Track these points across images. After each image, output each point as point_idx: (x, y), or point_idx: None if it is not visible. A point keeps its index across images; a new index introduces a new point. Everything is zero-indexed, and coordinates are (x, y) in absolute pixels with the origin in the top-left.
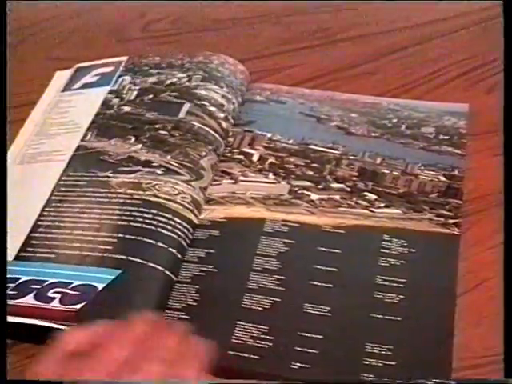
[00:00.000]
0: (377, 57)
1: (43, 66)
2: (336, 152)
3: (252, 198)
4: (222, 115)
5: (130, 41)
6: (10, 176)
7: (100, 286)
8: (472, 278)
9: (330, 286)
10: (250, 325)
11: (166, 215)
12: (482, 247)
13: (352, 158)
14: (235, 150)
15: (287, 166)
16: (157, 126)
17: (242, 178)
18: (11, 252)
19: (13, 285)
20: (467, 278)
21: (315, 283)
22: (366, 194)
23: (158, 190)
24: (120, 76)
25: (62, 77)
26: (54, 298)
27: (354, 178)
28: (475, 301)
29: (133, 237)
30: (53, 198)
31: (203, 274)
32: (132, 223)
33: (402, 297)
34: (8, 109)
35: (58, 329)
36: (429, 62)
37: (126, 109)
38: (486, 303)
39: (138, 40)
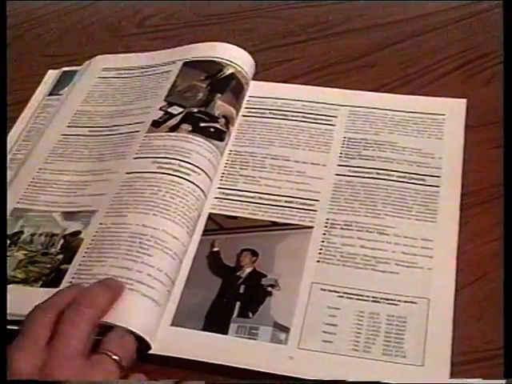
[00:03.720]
0: (375, 50)
1: (38, 63)
2: None
3: None
4: None
5: (126, 37)
6: None
7: None
8: (472, 271)
9: None
10: None
11: None
12: (482, 240)
13: None
14: None
15: None
16: None
17: None
18: None
19: None
20: (467, 271)
21: None
22: None
23: None
24: None
25: (49, 79)
26: None
27: None
28: (476, 294)
29: None
30: None
31: None
32: None
33: None
34: None
35: None
36: (427, 54)
37: None
38: (487, 297)
39: (134, 36)
